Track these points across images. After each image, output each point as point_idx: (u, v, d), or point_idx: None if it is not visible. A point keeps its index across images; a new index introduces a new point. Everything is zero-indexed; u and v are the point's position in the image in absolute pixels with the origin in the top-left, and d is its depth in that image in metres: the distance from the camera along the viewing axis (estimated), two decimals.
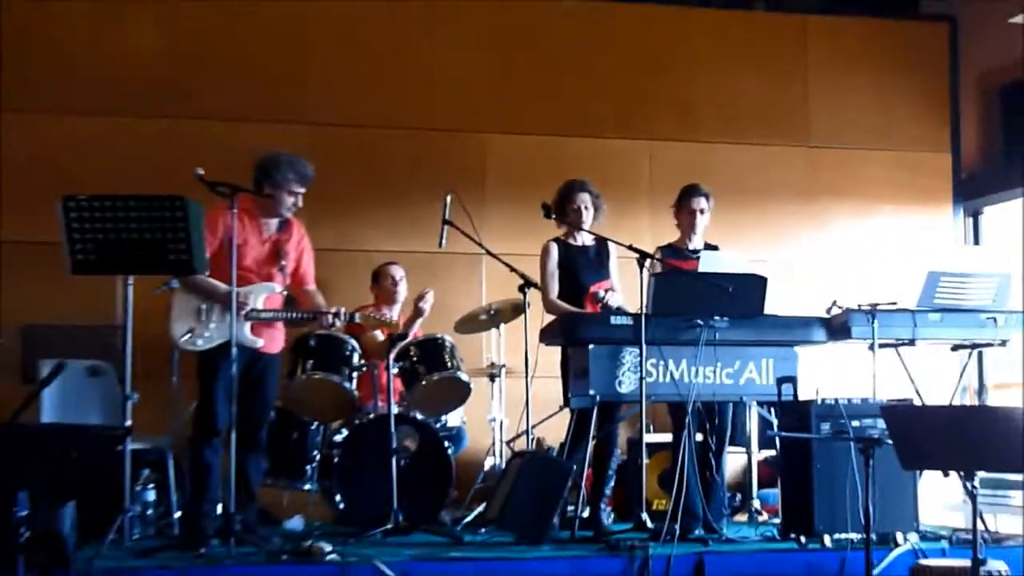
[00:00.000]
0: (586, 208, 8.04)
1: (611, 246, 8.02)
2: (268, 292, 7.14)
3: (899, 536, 7.16)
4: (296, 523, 8.18)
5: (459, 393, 8.38)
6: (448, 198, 8.41)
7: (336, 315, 7.21)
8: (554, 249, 8.11)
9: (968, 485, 5.92)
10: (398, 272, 9.01)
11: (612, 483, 8.08)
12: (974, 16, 11.32)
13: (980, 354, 8.81)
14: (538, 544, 7.21)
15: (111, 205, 6.42)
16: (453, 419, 8.75)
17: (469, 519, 8.18)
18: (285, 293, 7.37)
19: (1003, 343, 8.21)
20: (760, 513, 8.64)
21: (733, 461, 8.84)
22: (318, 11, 10.32)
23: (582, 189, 8.08)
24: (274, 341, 7.32)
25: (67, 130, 9.59)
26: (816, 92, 11.22)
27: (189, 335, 7.05)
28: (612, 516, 8.25)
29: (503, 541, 7.42)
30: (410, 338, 8.31)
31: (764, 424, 8.93)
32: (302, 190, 7.23)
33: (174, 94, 9.76)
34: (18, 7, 9.50)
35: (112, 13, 9.85)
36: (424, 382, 8.17)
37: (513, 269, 8.46)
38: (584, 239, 8.13)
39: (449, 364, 8.25)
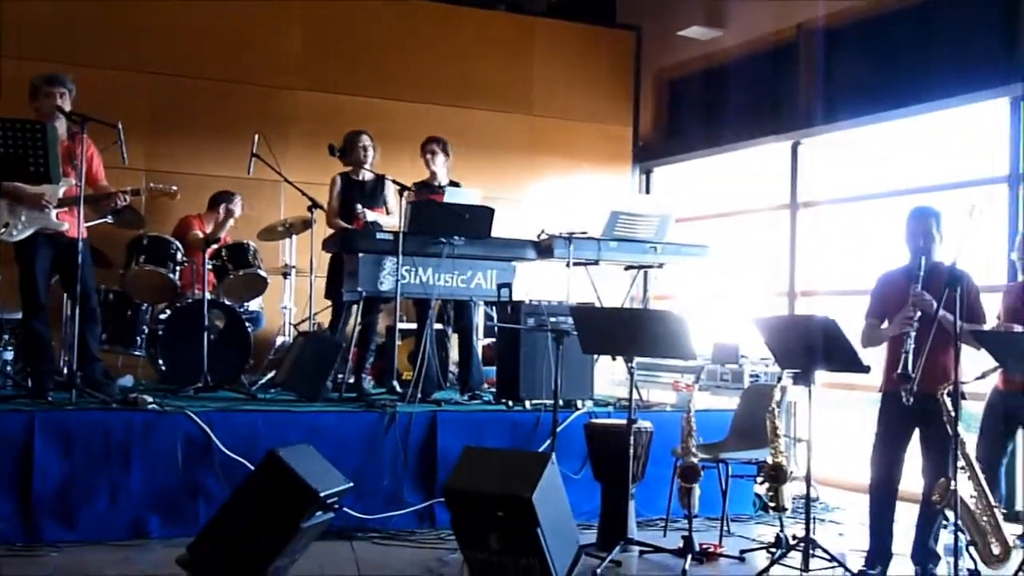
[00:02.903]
0: (366, 148, 8.04)
1: (387, 182, 7.93)
2: (66, 185, 6.65)
3: (579, 402, 7.32)
4: (126, 380, 7.90)
5: (259, 286, 8.29)
6: (256, 137, 8.19)
7: (125, 192, 6.88)
8: (339, 180, 8.10)
9: (628, 366, 6.09)
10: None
11: (372, 358, 8.05)
12: (655, 27, 11.48)
13: (645, 273, 9.00)
14: (314, 401, 7.14)
15: None
16: (253, 305, 8.62)
17: (262, 381, 8.02)
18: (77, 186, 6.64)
19: (660, 266, 8.44)
20: (484, 384, 8.70)
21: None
22: None
23: (360, 133, 8.10)
24: (76, 228, 6.75)
25: None
26: (539, 75, 11.25)
27: (4, 229, 6.62)
28: (372, 383, 8.22)
29: (287, 398, 7.32)
30: (221, 242, 8.16)
31: (487, 318, 9.01)
32: (55, 89, 6.71)
33: (47, 40, 9.18)
34: None
35: None
36: (232, 276, 8.04)
37: (304, 194, 8.32)
38: (364, 175, 8.05)
39: (252, 263, 8.11)
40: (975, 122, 8.39)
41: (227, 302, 7.94)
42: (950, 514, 5.19)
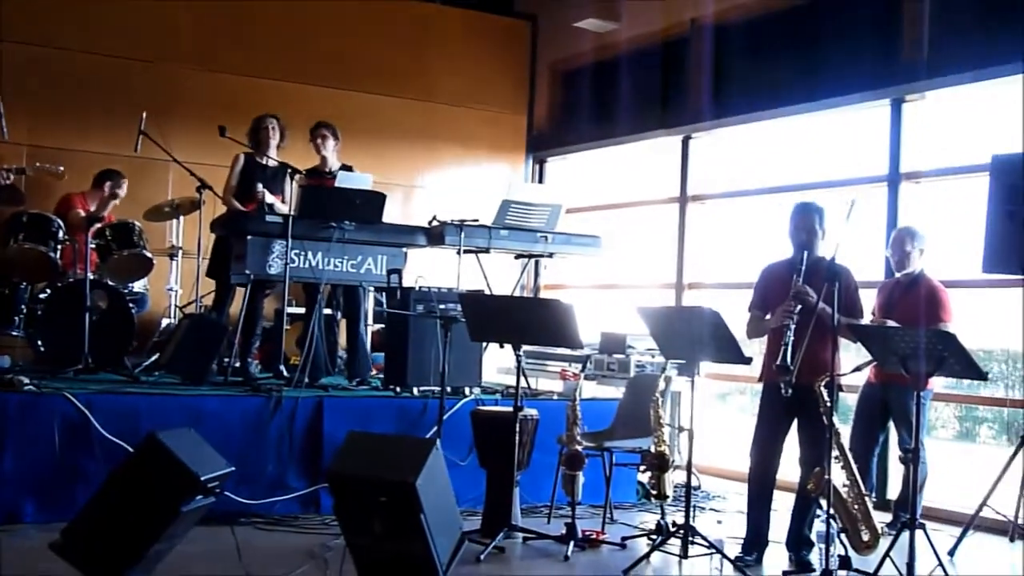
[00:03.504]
0: (273, 129, 7.99)
1: (288, 172, 7.80)
2: None
3: (467, 389, 7.32)
4: (3, 361, 7.67)
5: (144, 266, 8.12)
6: (144, 115, 8.03)
7: (9, 171, 6.69)
8: (241, 160, 8.02)
9: (516, 354, 6.12)
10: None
11: (259, 342, 7.97)
12: (551, 17, 11.54)
13: (537, 262, 9.05)
14: (198, 384, 7.04)
15: None
16: (138, 286, 8.44)
17: (146, 364, 7.87)
18: None
19: (551, 255, 8.51)
20: (371, 370, 8.66)
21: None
22: None
23: (269, 117, 8.04)
24: None
25: None
26: (435, 61, 11.17)
27: None
28: (258, 367, 8.12)
29: (171, 381, 7.20)
30: (105, 221, 7.99)
31: (377, 303, 8.98)
32: None
33: None
34: None
35: None
36: (116, 256, 7.87)
37: (193, 174, 8.17)
38: (268, 160, 7.95)
39: (137, 243, 7.95)
40: (860, 122, 8.62)
41: (110, 282, 7.77)
42: (824, 502, 5.32)
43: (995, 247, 6.36)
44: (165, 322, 8.75)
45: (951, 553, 6.20)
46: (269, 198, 7.83)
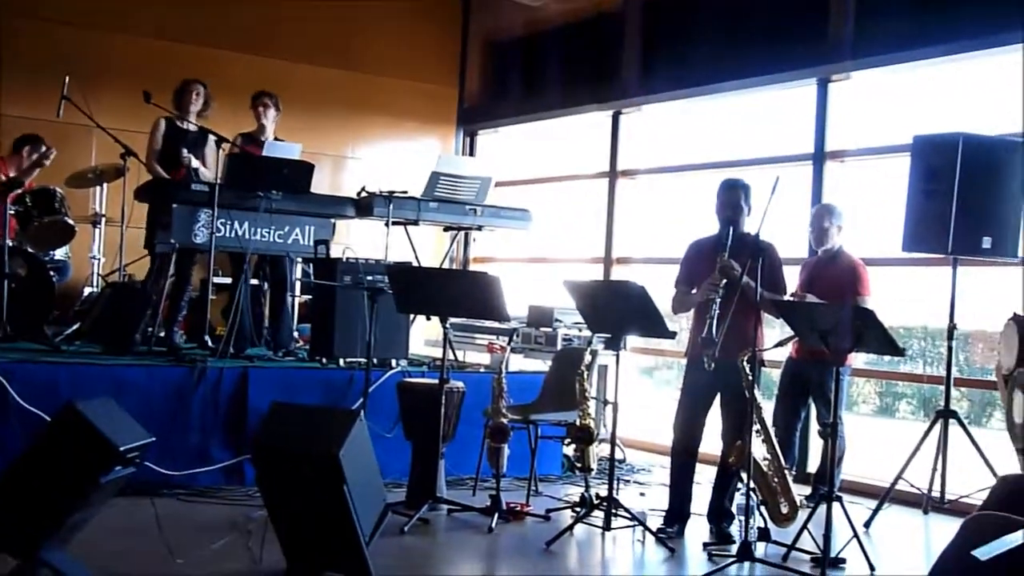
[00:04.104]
0: (197, 95, 7.80)
1: (210, 138, 7.66)
2: None
3: (393, 361, 7.27)
4: None
5: (65, 234, 7.93)
6: (66, 79, 7.84)
7: None
8: (163, 124, 7.82)
9: (443, 327, 6.11)
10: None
11: (184, 312, 7.85)
12: None
13: (466, 235, 9.02)
14: (121, 354, 6.92)
15: None
16: (60, 254, 8.24)
17: (68, 332, 7.72)
18: None
19: (480, 228, 8.49)
20: (298, 342, 8.58)
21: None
22: None
23: (196, 82, 7.85)
24: None
25: None
26: (367, 32, 11.03)
27: None
28: (184, 337, 8.00)
29: (93, 351, 7.08)
30: (26, 187, 7.78)
31: (304, 274, 8.88)
32: None
33: None
34: None
35: None
36: (36, 223, 7.67)
37: (117, 140, 8.00)
38: (189, 124, 7.79)
39: (58, 210, 7.77)
40: (787, 100, 8.69)
41: (30, 249, 7.59)
42: (744, 475, 5.39)
43: (915, 226, 6.45)
44: (88, 291, 8.59)
45: (867, 525, 6.31)
46: (195, 163, 7.70)
